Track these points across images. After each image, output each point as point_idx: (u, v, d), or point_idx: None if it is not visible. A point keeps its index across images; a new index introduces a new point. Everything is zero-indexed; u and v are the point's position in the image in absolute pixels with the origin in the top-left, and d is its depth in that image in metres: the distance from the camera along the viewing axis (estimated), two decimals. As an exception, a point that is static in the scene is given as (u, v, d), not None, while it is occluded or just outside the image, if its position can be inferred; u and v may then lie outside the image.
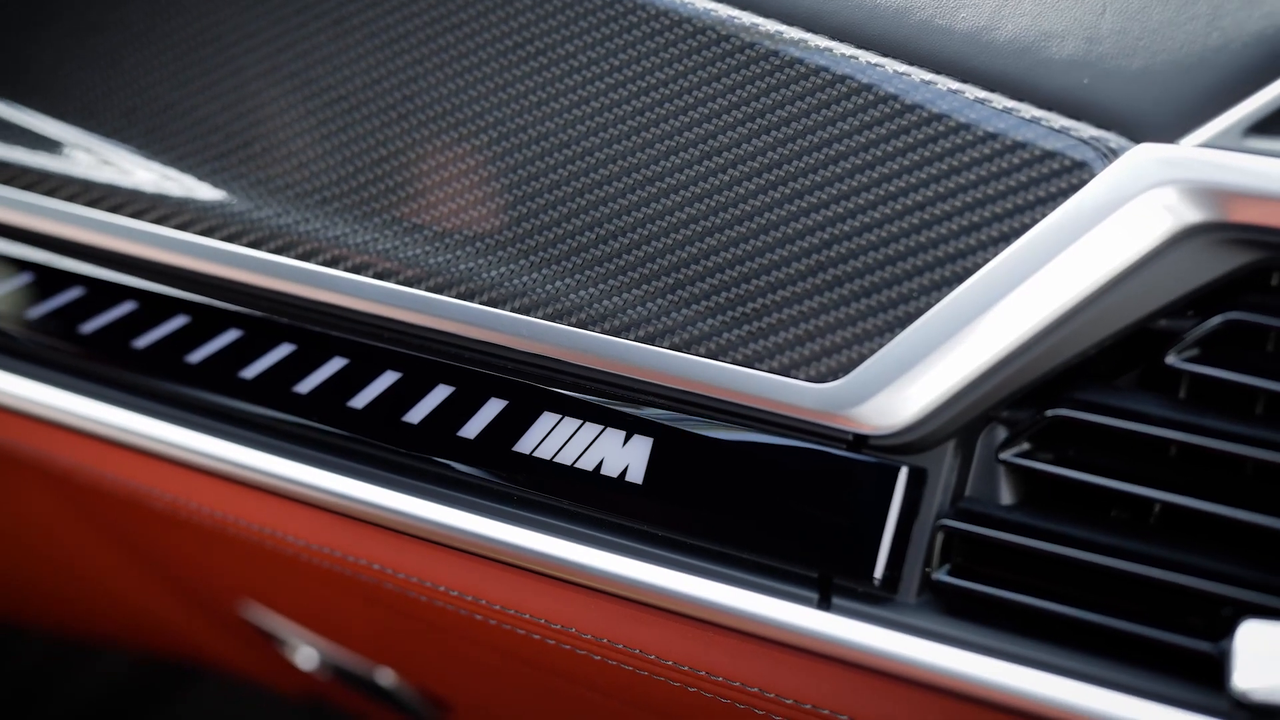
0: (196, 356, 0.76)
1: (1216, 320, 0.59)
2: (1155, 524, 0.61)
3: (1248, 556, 0.58)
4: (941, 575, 0.61)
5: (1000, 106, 0.63)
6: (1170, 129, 0.60)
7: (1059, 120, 0.62)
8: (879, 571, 0.62)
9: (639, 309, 0.66)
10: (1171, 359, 0.59)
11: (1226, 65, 0.60)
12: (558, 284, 0.68)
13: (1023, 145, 0.62)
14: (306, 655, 1.19)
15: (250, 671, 1.34)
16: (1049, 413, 0.61)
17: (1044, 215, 0.60)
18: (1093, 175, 0.60)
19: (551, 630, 0.71)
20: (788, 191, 0.65)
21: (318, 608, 1.02)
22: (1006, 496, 0.63)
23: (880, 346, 0.62)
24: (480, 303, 0.70)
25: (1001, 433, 0.62)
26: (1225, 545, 0.59)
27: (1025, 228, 0.61)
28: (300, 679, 1.25)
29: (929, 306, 0.61)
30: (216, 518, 0.81)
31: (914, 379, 0.61)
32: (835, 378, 0.63)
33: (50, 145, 0.83)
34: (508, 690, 0.96)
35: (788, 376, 0.64)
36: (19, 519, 1.20)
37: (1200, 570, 0.58)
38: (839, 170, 0.64)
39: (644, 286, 0.67)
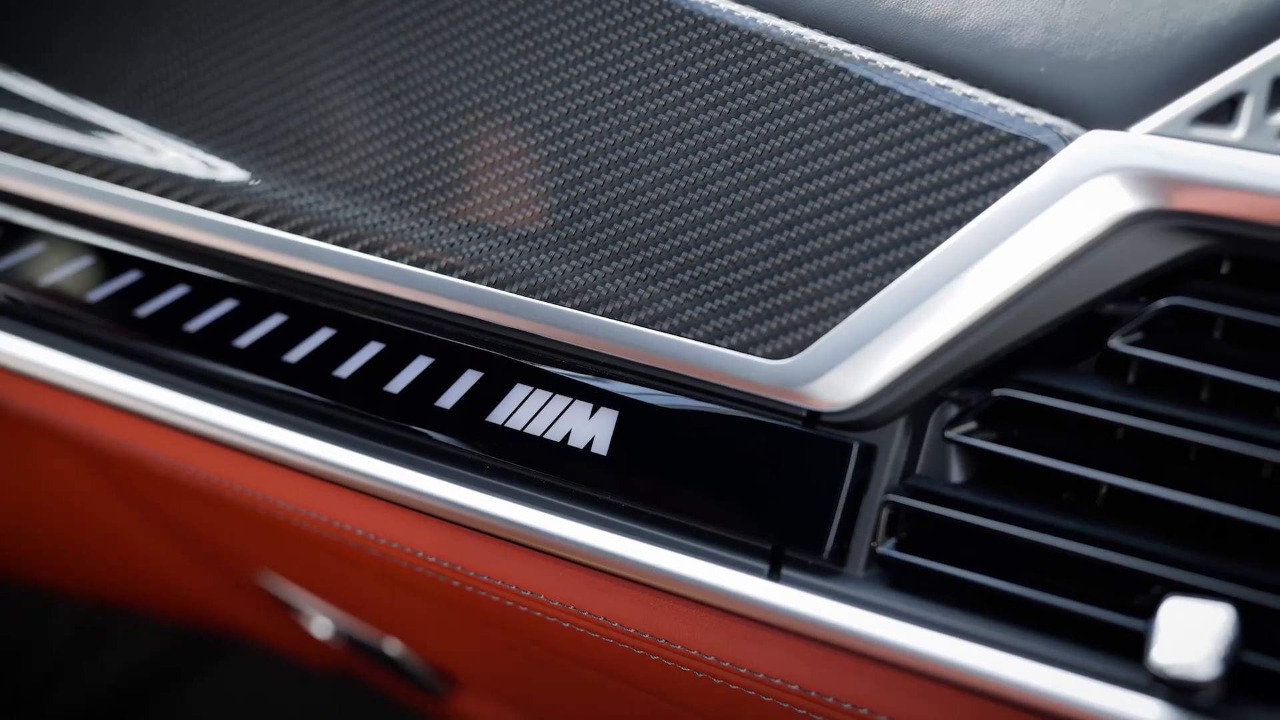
0: (194, 325, 0.79)
1: (1159, 305, 0.60)
2: (1101, 505, 0.62)
3: (1186, 538, 0.59)
4: (886, 549, 0.63)
5: (959, 93, 0.64)
6: (1121, 117, 0.61)
7: (1015, 107, 0.63)
8: (828, 545, 0.63)
9: (607, 285, 0.68)
10: (1114, 342, 0.61)
11: (1178, 56, 0.61)
12: (532, 260, 0.70)
13: (978, 131, 0.63)
14: (322, 624, 1.21)
15: (271, 640, 1.38)
16: (995, 392, 0.62)
17: (996, 200, 0.62)
18: (1044, 161, 0.61)
19: (523, 597, 0.73)
20: (753, 174, 0.67)
21: (323, 577, 1.04)
22: (956, 475, 0.64)
23: (834, 325, 0.63)
24: (459, 277, 0.72)
25: (952, 412, 0.64)
26: (1166, 527, 0.60)
27: (978, 212, 0.62)
28: (317, 647, 1.28)
29: (882, 287, 0.63)
30: (217, 483, 0.84)
31: (865, 358, 0.63)
32: (791, 355, 0.64)
33: (69, 121, 0.86)
34: (501, 660, 0.98)
35: (746, 353, 0.65)
36: (54, 490, 1.23)
37: (1138, 551, 0.59)
38: (803, 153, 0.66)
39: (613, 264, 0.68)
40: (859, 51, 0.66)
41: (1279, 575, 0.56)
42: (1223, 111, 0.59)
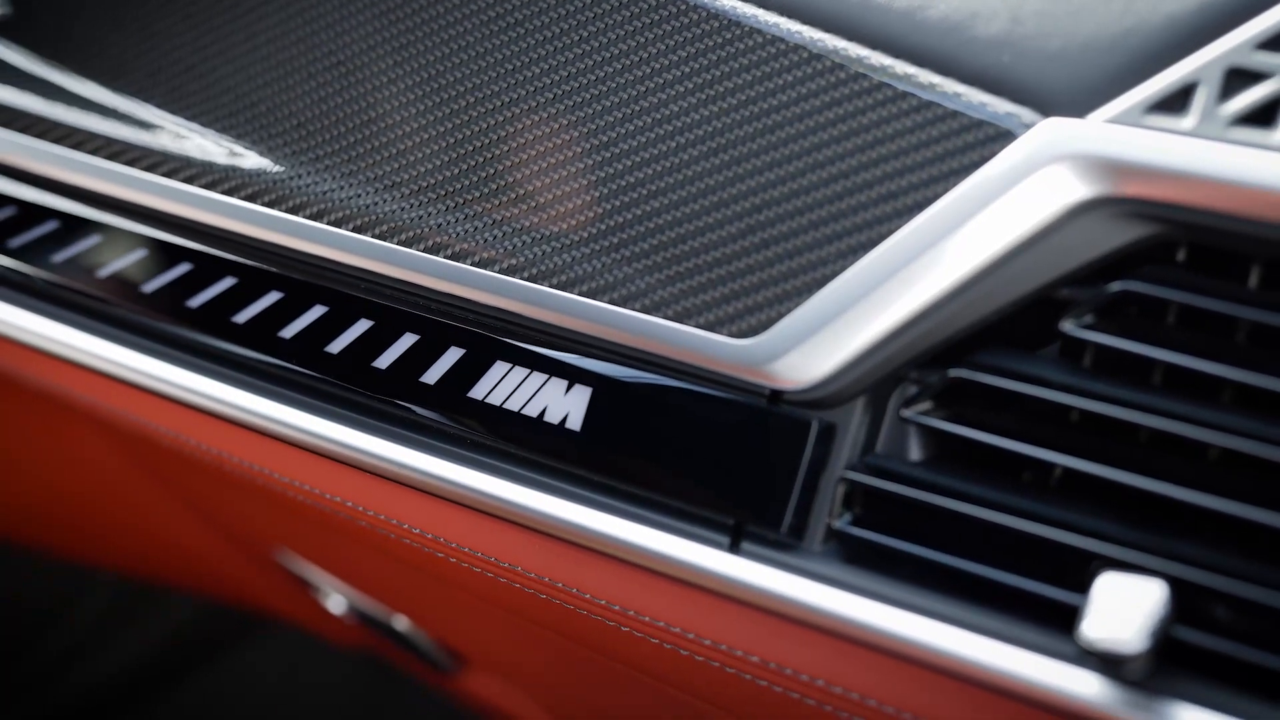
0: (196, 301, 0.82)
1: (1111, 290, 0.61)
2: (1056, 486, 0.64)
3: (1132, 518, 0.60)
4: (840, 525, 0.64)
5: (926, 81, 0.65)
6: (1080, 105, 0.62)
7: (978, 95, 0.64)
8: (786, 520, 0.65)
9: (584, 266, 0.70)
10: (1066, 325, 0.62)
11: (1136, 47, 0.62)
12: (513, 241, 0.72)
13: (941, 118, 0.64)
14: (337, 601, 1.24)
15: (294, 616, 1.40)
16: (950, 373, 0.63)
17: (956, 185, 0.63)
18: (1004, 148, 0.63)
19: (501, 569, 0.75)
20: (727, 158, 0.68)
21: (332, 553, 1.07)
22: (915, 455, 0.66)
23: (797, 306, 0.65)
24: (444, 256, 0.74)
25: (911, 392, 0.65)
26: (1115, 508, 0.61)
27: (938, 197, 0.63)
28: (335, 624, 1.31)
29: (844, 269, 0.64)
30: (216, 455, 0.87)
31: (826, 338, 0.65)
32: (755, 335, 0.66)
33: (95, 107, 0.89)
34: (501, 638, 1.00)
35: (713, 333, 0.67)
36: (85, 468, 1.26)
37: (1084, 529, 0.60)
38: (775, 138, 0.68)
39: (589, 245, 0.70)
40: (832, 40, 0.68)
41: (1213, 553, 0.58)
42: (1176, 101, 0.60)
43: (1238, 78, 0.60)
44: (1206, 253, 0.61)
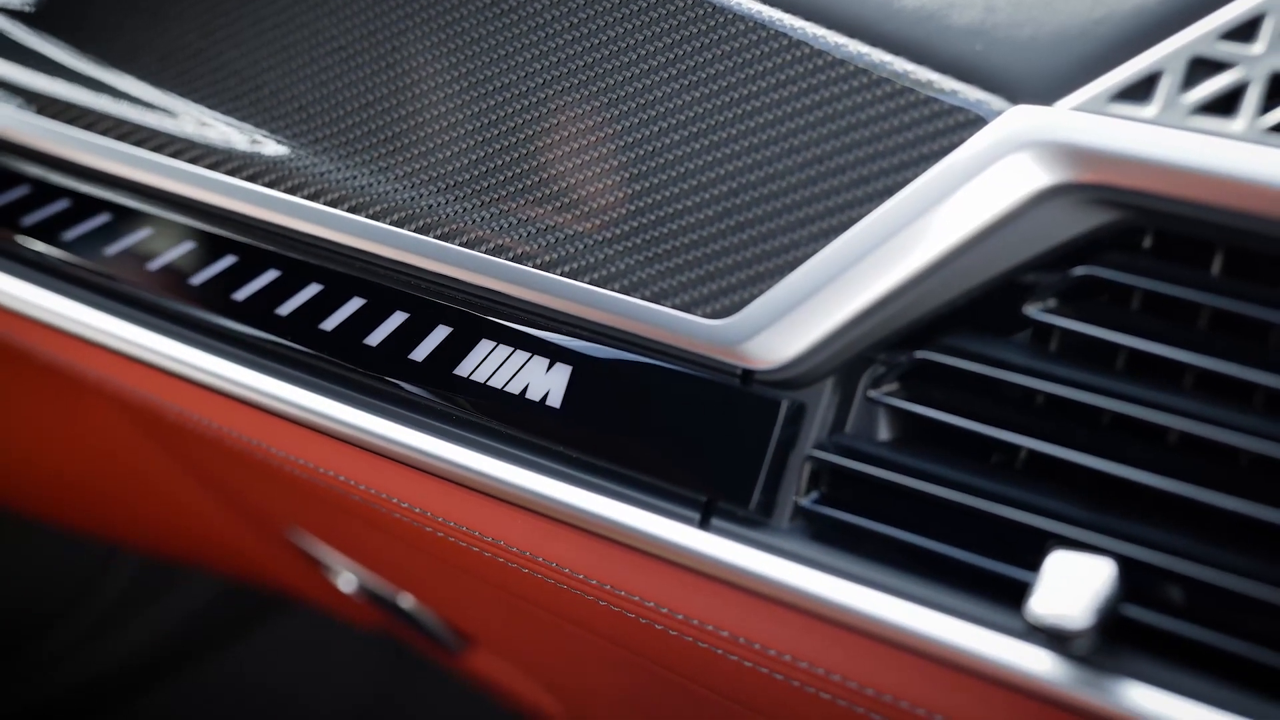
0: (198, 279, 0.84)
1: (1074, 274, 0.62)
2: (1021, 468, 0.65)
3: (1091, 499, 0.61)
4: (806, 502, 0.66)
5: (900, 69, 0.67)
6: (1049, 93, 0.63)
7: (950, 83, 0.65)
8: (755, 497, 0.66)
9: (566, 247, 0.72)
10: (1029, 309, 0.63)
11: (1104, 36, 0.63)
12: (501, 223, 0.74)
13: (913, 105, 0.65)
14: (347, 579, 1.26)
15: (310, 596, 1.43)
16: (916, 354, 0.65)
17: (925, 170, 0.64)
18: (973, 134, 0.64)
19: (486, 543, 0.77)
20: (707, 143, 0.70)
21: (336, 531, 1.09)
22: (884, 435, 0.67)
23: (769, 288, 0.66)
24: (435, 237, 0.76)
25: (879, 373, 0.66)
26: (1076, 489, 0.62)
27: (908, 182, 0.65)
28: (347, 603, 1.33)
29: (816, 252, 0.66)
30: (217, 430, 0.89)
31: (796, 319, 0.66)
32: (729, 315, 0.67)
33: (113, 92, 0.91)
34: (498, 617, 1.02)
35: (689, 313, 0.68)
36: (101, 443, 1.29)
37: (1043, 510, 0.61)
38: (754, 124, 0.69)
39: (572, 228, 0.72)
40: (811, 28, 0.69)
41: (1165, 535, 0.58)
42: (1140, 89, 0.61)
43: (1201, 67, 0.61)
44: (1173, 239, 0.62)
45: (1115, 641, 0.58)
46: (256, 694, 1.75)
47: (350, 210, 0.79)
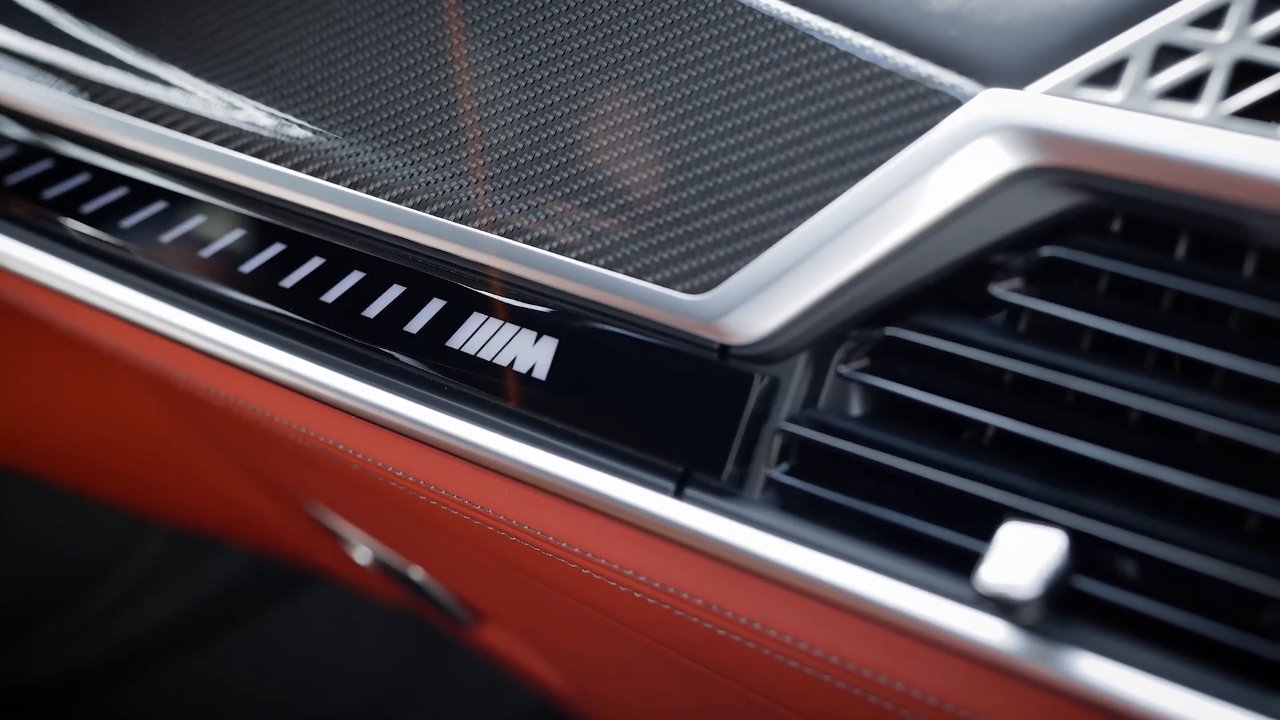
0: (206, 252, 0.86)
1: (1040, 255, 0.64)
2: (989, 445, 0.66)
3: (1050, 474, 0.63)
4: (776, 474, 0.67)
5: (880, 53, 0.68)
6: (1020, 78, 0.65)
7: (926, 67, 0.67)
8: (727, 468, 0.68)
9: (555, 224, 0.74)
10: (995, 289, 0.64)
11: (1076, 22, 0.64)
12: (493, 199, 0.76)
13: (890, 89, 0.67)
14: (363, 553, 1.29)
15: (331, 569, 1.45)
16: (887, 331, 0.66)
17: (899, 152, 0.66)
18: (945, 117, 0.65)
19: (476, 511, 0.79)
20: (691, 124, 0.71)
21: (348, 502, 1.11)
22: (855, 410, 0.68)
23: (746, 264, 0.68)
24: (431, 213, 0.78)
25: (850, 349, 0.68)
26: (1037, 465, 0.64)
27: (882, 163, 0.66)
28: (365, 576, 1.35)
29: (791, 230, 0.67)
30: (225, 400, 0.91)
31: (771, 296, 0.67)
32: (707, 291, 0.69)
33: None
34: (500, 589, 1.04)
35: (669, 288, 0.70)
36: (125, 414, 1.31)
37: (1002, 484, 0.63)
38: (738, 105, 0.70)
39: (562, 204, 0.74)
40: (796, 13, 0.71)
41: (1118, 510, 0.60)
42: (1108, 75, 0.63)
43: (1168, 54, 0.62)
44: (1141, 223, 0.63)
45: (1066, 613, 0.59)
46: (284, 666, 1.78)
47: (351, 186, 0.81)
